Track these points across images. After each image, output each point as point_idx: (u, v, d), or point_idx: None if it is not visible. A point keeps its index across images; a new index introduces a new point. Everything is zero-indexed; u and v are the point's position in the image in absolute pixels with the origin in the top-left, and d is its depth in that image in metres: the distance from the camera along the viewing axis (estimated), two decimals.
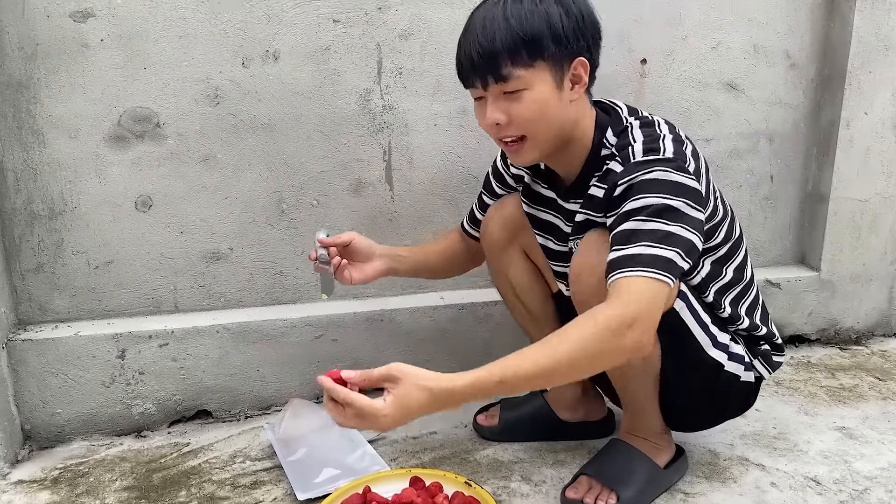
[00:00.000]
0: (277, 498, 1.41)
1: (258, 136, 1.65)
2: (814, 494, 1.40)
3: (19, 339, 1.56)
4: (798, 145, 2.00)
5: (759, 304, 1.41)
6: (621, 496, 1.33)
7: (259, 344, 1.69)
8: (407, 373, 1.03)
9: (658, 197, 1.13)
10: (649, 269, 1.09)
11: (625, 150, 1.20)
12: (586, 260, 1.24)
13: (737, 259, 1.35)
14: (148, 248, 1.65)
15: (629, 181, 1.16)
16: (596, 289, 1.22)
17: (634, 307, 1.07)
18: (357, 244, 1.46)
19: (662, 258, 1.10)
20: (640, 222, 1.12)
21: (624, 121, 1.27)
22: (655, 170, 1.15)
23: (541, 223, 1.43)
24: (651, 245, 1.10)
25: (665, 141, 1.20)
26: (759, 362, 1.38)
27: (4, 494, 1.43)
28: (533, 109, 1.19)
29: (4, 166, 1.54)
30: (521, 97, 1.19)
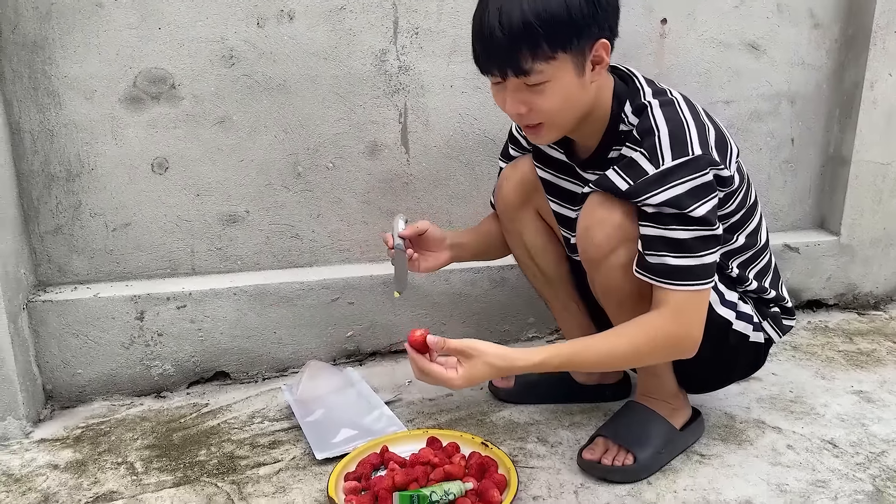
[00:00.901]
0: (296, 457, 1.42)
1: (273, 97, 1.64)
2: (830, 457, 1.40)
3: (39, 301, 1.57)
4: (820, 107, 1.97)
5: (770, 270, 1.40)
6: (638, 457, 1.33)
7: (276, 306, 1.70)
8: (480, 351, 1.16)
9: (697, 205, 1.15)
10: (703, 282, 1.19)
11: (650, 140, 1.18)
12: (596, 215, 1.23)
13: (749, 225, 1.34)
14: (165, 210, 1.65)
15: (663, 191, 1.15)
16: (605, 247, 1.23)
17: (695, 329, 1.21)
18: (431, 233, 1.46)
19: (706, 266, 1.19)
20: (682, 231, 1.16)
21: (642, 94, 1.24)
22: (688, 180, 1.15)
23: (558, 190, 1.41)
24: (696, 256, 1.17)
25: (690, 131, 1.18)
26: (769, 324, 1.38)
27: (27, 452, 1.45)
28: (555, 100, 1.17)
29: (21, 128, 1.54)
30: (542, 90, 1.16)
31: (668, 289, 1.18)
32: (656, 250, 1.18)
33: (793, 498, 1.28)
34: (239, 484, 1.34)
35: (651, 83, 1.27)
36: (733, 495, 1.29)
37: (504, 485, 1.28)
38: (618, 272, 1.25)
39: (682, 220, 1.16)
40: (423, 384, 1.66)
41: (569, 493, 1.30)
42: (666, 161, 1.16)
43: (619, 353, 1.20)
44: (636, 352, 1.20)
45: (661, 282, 1.19)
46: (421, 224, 1.45)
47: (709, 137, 1.19)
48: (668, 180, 1.15)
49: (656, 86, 1.27)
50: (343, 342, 1.77)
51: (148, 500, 1.30)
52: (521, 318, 1.87)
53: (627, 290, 1.26)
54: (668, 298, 1.19)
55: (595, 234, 1.23)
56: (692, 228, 1.16)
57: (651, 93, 1.25)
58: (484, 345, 1.16)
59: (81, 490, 1.33)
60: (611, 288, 1.28)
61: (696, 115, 1.22)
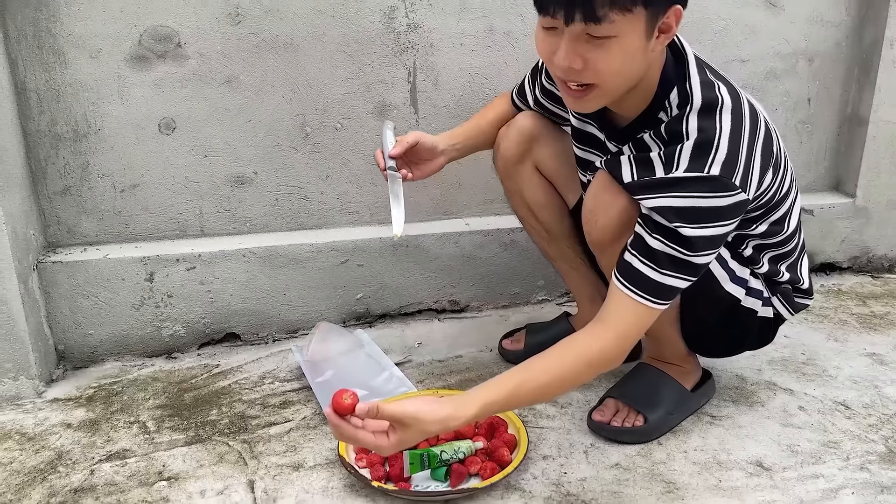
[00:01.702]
0: (306, 417, 1.43)
1: (280, 56, 1.62)
2: (843, 418, 1.39)
3: (49, 262, 1.57)
4: (838, 66, 1.93)
5: (791, 255, 1.34)
6: (648, 418, 1.33)
7: (285, 268, 1.69)
8: (419, 420, 1.06)
9: (686, 226, 1.08)
10: (653, 299, 1.12)
11: (673, 147, 1.11)
12: (600, 198, 1.20)
13: (774, 214, 1.26)
14: (172, 171, 1.64)
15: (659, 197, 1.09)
16: (609, 232, 1.20)
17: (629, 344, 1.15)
18: (423, 144, 1.38)
19: (668, 287, 1.12)
20: (663, 244, 1.10)
21: (688, 86, 1.13)
22: (691, 196, 1.08)
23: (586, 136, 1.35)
24: (664, 273, 1.11)
25: (718, 148, 1.09)
26: (779, 300, 1.34)
27: (41, 412, 1.46)
28: (617, 61, 1.05)
29: (27, 87, 1.52)
30: (607, 45, 1.03)
31: (620, 289, 1.13)
32: (633, 248, 1.13)
33: (804, 458, 1.28)
34: (250, 443, 1.35)
35: (702, 69, 1.16)
36: (744, 456, 1.29)
37: (514, 444, 1.28)
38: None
39: (663, 232, 1.10)
40: (435, 345, 1.68)
41: (578, 452, 1.31)
42: (678, 170, 1.09)
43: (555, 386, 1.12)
44: (571, 380, 1.14)
45: (618, 279, 1.13)
46: (410, 137, 1.36)
47: (740, 157, 1.09)
48: (669, 189, 1.09)
49: (706, 75, 1.15)
50: (353, 304, 1.77)
51: (161, 458, 1.31)
52: (530, 280, 1.86)
53: None
54: (617, 304, 1.13)
55: (599, 219, 1.21)
56: (669, 244, 1.09)
57: (699, 84, 1.13)
58: (422, 412, 1.06)
59: (95, 448, 1.35)
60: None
61: (737, 129, 1.11)
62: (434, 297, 1.81)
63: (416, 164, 1.41)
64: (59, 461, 1.31)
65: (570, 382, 1.15)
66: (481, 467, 1.23)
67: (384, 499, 1.20)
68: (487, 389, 1.11)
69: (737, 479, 1.23)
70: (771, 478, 1.23)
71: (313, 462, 1.29)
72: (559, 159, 1.45)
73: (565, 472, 1.26)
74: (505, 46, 1.72)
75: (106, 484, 1.25)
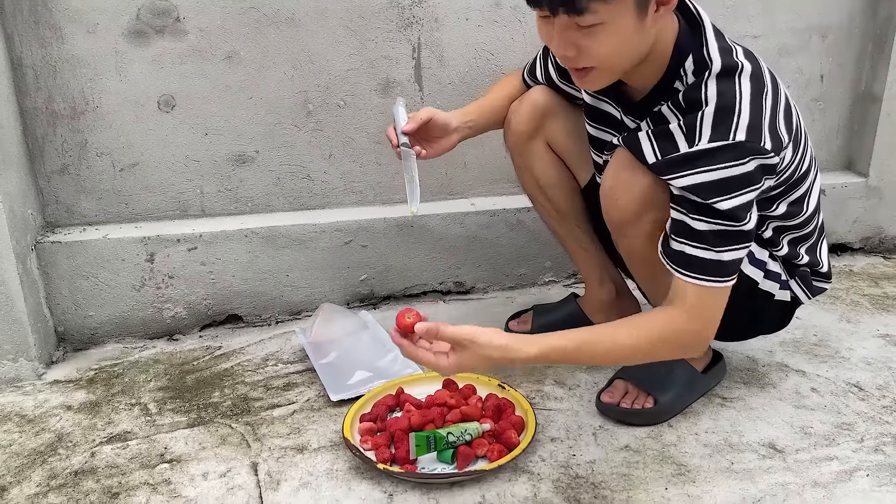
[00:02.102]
0: (310, 399, 1.41)
1: (282, 31, 1.58)
2: (856, 400, 1.37)
3: (48, 242, 1.54)
4: (852, 42, 1.88)
5: (811, 237, 1.31)
6: (658, 400, 1.31)
7: (288, 249, 1.66)
8: (478, 343, 1.04)
9: (722, 199, 1.05)
10: (720, 279, 1.10)
11: (693, 115, 1.07)
12: (621, 176, 1.16)
13: (794, 194, 1.22)
14: (173, 149, 1.61)
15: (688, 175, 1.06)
16: (630, 211, 1.16)
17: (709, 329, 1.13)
18: (436, 121, 1.34)
19: (729, 263, 1.09)
20: (708, 224, 1.07)
21: (706, 52, 1.09)
22: (719, 168, 1.04)
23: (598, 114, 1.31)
24: (721, 251, 1.08)
25: (740, 112, 1.05)
26: (797, 283, 1.31)
27: (41, 394, 1.44)
28: (608, 46, 1.04)
29: (23, 63, 1.49)
30: (596, 32, 1.02)
31: (684, 280, 1.10)
32: (678, 236, 1.10)
33: (817, 440, 1.26)
34: (253, 425, 1.33)
35: (720, 36, 1.12)
36: (756, 437, 1.27)
37: (521, 426, 1.26)
38: (642, 239, 1.19)
39: (702, 210, 1.07)
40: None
41: (587, 434, 1.28)
42: (701, 141, 1.05)
43: (623, 353, 1.11)
44: (642, 351, 1.11)
45: (677, 271, 1.11)
46: (423, 113, 1.32)
47: (764, 121, 1.06)
48: (696, 164, 1.05)
49: (724, 40, 1.12)
50: (357, 286, 1.74)
51: (162, 440, 1.29)
52: (537, 261, 1.83)
53: (653, 256, 1.19)
54: (683, 291, 1.10)
55: (620, 197, 1.17)
56: (713, 221, 1.07)
57: (717, 50, 1.09)
58: (482, 336, 1.04)
59: (95, 430, 1.33)
60: (636, 252, 1.23)
61: (759, 90, 1.07)
62: (439, 278, 1.79)
63: (428, 141, 1.36)
64: (59, 443, 1.29)
65: (641, 354, 1.12)
66: (488, 449, 1.20)
67: (390, 481, 1.17)
68: (552, 337, 1.08)
69: (749, 461, 1.21)
70: (784, 460, 1.21)
71: (317, 444, 1.27)
72: (572, 136, 1.41)
73: (574, 454, 1.24)
74: (512, 21, 1.68)
75: (107, 466, 1.23)
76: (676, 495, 1.14)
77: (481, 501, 1.13)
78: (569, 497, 1.14)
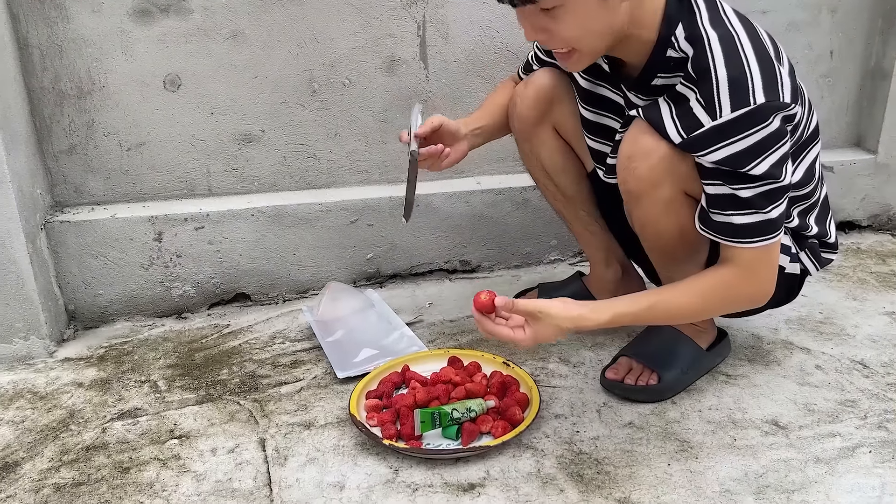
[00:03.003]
0: (317, 376, 1.42)
1: (287, 9, 1.57)
2: (860, 377, 1.37)
3: (57, 221, 1.56)
4: (862, 16, 1.86)
5: (818, 206, 1.31)
6: (663, 377, 1.31)
7: (295, 228, 1.67)
8: (549, 315, 1.10)
9: (757, 162, 1.06)
10: (773, 235, 1.12)
11: (708, 86, 1.06)
12: (639, 143, 1.16)
13: (806, 159, 1.23)
14: (179, 129, 1.61)
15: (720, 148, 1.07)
16: (648, 180, 1.16)
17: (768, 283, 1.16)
18: (446, 128, 1.34)
19: (777, 219, 1.11)
20: (752, 189, 1.08)
21: (698, 18, 1.10)
22: (748, 135, 1.05)
23: (595, 98, 1.32)
24: (768, 210, 1.10)
25: (753, 75, 1.05)
26: (806, 255, 1.32)
27: (52, 371, 1.47)
28: (575, 26, 1.05)
29: (29, 43, 1.49)
30: (558, 14, 1.04)
31: (737, 247, 1.12)
32: (720, 208, 1.11)
33: (821, 417, 1.26)
34: (261, 402, 1.35)
35: (710, 2, 1.13)
36: (759, 414, 1.27)
37: (526, 403, 1.27)
38: (659, 208, 1.19)
39: (742, 179, 1.08)
40: (446, 305, 1.66)
41: (591, 411, 1.29)
42: (724, 112, 1.05)
43: (691, 310, 1.17)
44: (708, 308, 1.19)
45: (728, 240, 1.13)
46: (434, 119, 1.32)
47: (778, 75, 1.06)
48: (725, 135, 1.06)
49: (715, 8, 1.12)
50: (363, 264, 1.75)
51: (172, 416, 1.31)
52: (543, 240, 1.83)
53: (668, 228, 1.20)
54: (737, 256, 1.13)
55: (638, 166, 1.16)
56: (755, 185, 1.08)
57: (708, 18, 1.10)
58: (554, 308, 1.10)
59: (106, 407, 1.35)
60: (650, 223, 1.23)
61: (761, 50, 1.08)
62: (445, 256, 1.79)
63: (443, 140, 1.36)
64: (70, 420, 1.31)
65: (707, 314, 1.21)
66: (493, 426, 1.22)
67: (395, 457, 1.19)
68: (622, 301, 1.15)
69: (752, 437, 1.22)
70: (787, 436, 1.22)
71: (324, 421, 1.29)
72: (579, 121, 1.41)
73: (577, 430, 1.25)
74: None
75: (118, 442, 1.25)
76: (679, 471, 1.15)
77: (485, 477, 1.15)
78: (572, 473, 1.15)
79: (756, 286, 1.16)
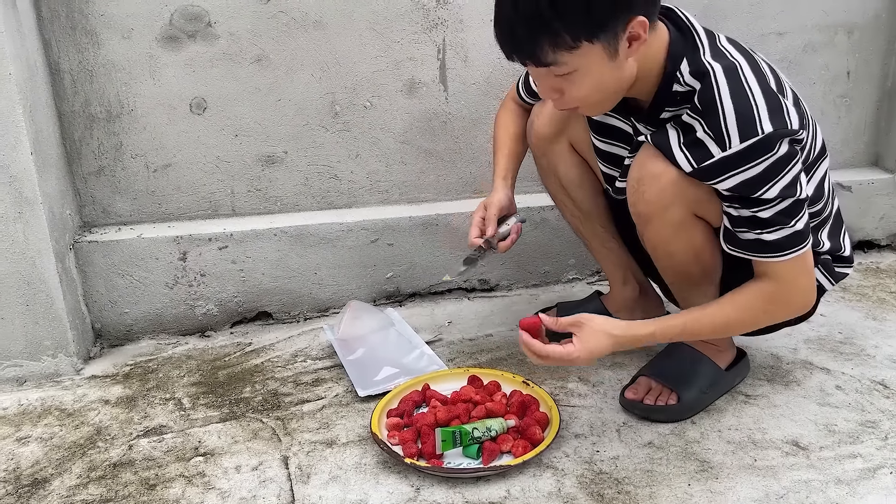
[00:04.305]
0: (339, 394, 1.44)
1: (309, 34, 1.61)
2: (881, 398, 1.37)
3: (85, 241, 1.59)
4: (878, 38, 1.87)
5: (829, 221, 1.32)
6: (682, 397, 1.32)
7: (316, 247, 1.70)
8: (591, 319, 1.17)
9: (769, 187, 1.09)
10: (802, 245, 1.14)
11: (715, 119, 1.09)
12: (648, 167, 1.18)
13: (814, 177, 1.24)
14: (204, 151, 1.65)
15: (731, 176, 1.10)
16: (656, 204, 1.18)
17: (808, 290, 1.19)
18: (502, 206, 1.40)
19: (804, 230, 1.14)
20: (772, 208, 1.11)
21: (702, 53, 1.13)
22: (758, 163, 1.08)
23: (606, 128, 1.34)
24: (792, 224, 1.12)
25: (758, 105, 1.08)
26: (819, 271, 1.31)
27: (79, 388, 1.49)
28: (586, 88, 1.10)
29: (61, 68, 1.54)
30: (572, 78, 1.09)
31: (769, 262, 1.15)
32: (745, 228, 1.14)
33: (841, 438, 1.26)
34: (284, 420, 1.37)
35: (711, 36, 1.16)
36: (779, 435, 1.27)
37: (546, 422, 1.28)
38: (669, 230, 1.21)
39: (757, 202, 1.11)
40: (465, 324, 1.68)
41: (611, 431, 1.30)
42: (733, 144, 1.08)
43: (737, 323, 1.20)
44: (753, 320, 1.20)
45: (759, 256, 1.15)
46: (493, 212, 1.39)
47: (783, 102, 1.10)
48: (735, 165, 1.09)
49: (716, 43, 1.15)
50: (383, 283, 1.77)
51: (196, 434, 1.34)
52: (561, 259, 1.85)
53: (680, 250, 1.23)
54: (772, 270, 1.16)
55: (647, 189, 1.19)
56: (771, 206, 1.11)
57: (710, 53, 1.13)
58: (596, 315, 1.17)
59: (132, 424, 1.37)
60: (661, 245, 1.25)
61: (763, 80, 1.11)
62: (464, 275, 1.81)
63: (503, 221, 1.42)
64: (97, 436, 1.34)
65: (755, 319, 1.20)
66: (513, 445, 1.23)
67: (416, 475, 1.20)
68: (663, 318, 1.23)
69: (772, 458, 1.22)
70: (807, 457, 1.22)
71: (346, 439, 1.30)
72: None
73: (598, 450, 1.25)
74: None
75: (144, 459, 1.27)
76: (699, 491, 1.15)
77: (506, 496, 1.16)
78: (592, 492, 1.16)
79: (798, 295, 1.19)
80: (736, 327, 1.23)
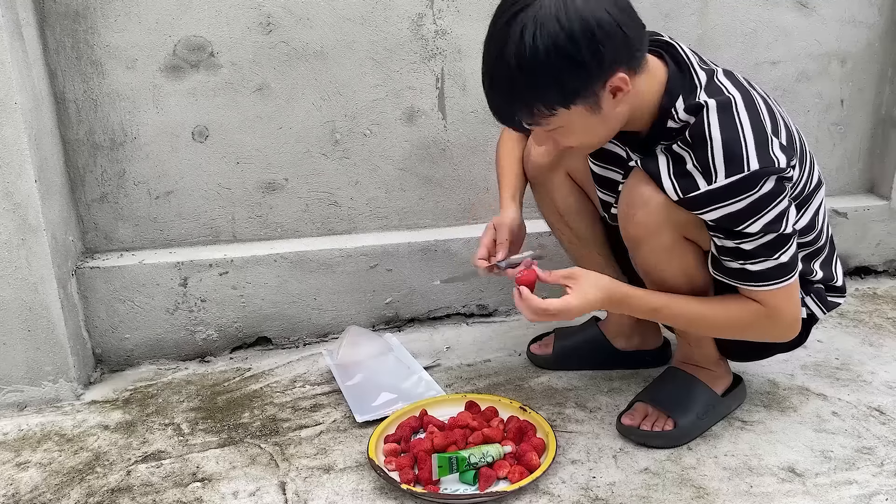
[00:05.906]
0: (337, 420, 1.44)
1: (310, 64, 1.64)
2: (877, 424, 1.37)
3: (87, 267, 1.61)
4: (872, 67, 1.90)
5: (823, 251, 1.34)
6: (679, 423, 1.32)
7: (316, 273, 1.71)
8: (584, 272, 1.22)
9: (752, 221, 1.11)
10: (787, 277, 1.17)
11: (703, 152, 1.11)
12: (637, 192, 1.20)
13: (809, 209, 1.26)
14: (206, 178, 1.67)
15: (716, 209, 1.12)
16: (645, 227, 1.20)
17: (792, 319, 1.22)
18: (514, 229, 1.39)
19: (789, 262, 1.16)
20: (755, 241, 1.13)
21: (698, 90, 1.14)
22: (743, 198, 1.10)
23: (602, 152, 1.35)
24: (777, 257, 1.15)
25: (746, 143, 1.09)
26: (812, 300, 1.33)
27: (79, 413, 1.50)
28: (575, 138, 1.15)
29: (66, 97, 1.56)
30: (561, 132, 1.14)
31: (753, 290, 1.18)
32: (730, 257, 1.17)
33: (837, 464, 1.26)
34: (282, 445, 1.37)
35: (709, 73, 1.17)
36: (775, 461, 1.28)
37: (542, 448, 1.28)
38: (659, 254, 1.23)
39: (740, 235, 1.13)
40: (463, 350, 1.69)
41: (608, 457, 1.30)
42: (718, 178, 1.10)
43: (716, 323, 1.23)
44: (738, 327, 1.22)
45: (743, 284, 1.19)
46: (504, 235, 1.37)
47: (772, 140, 1.11)
48: (720, 199, 1.11)
49: (713, 78, 1.16)
50: (382, 308, 1.78)
51: (195, 459, 1.34)
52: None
53: (671, 273, 1.24)
54: (755, 297, 1.19)
55: (637, 213, 1.21)
56: (754, 239, 1.13)
57: (706, 89, 1.14)
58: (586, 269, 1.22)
59: (131, 449, 1.38)
60: (652, 269, 1.27)
61: (756, 116, 1.12)
62: (462, 301, 1.82)
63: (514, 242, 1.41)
64: (96, 462, 1.34)
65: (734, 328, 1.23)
66: (510, 471, 1.23)
67: (413, 501, 1.21)
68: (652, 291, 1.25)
69: (768, 484, 1.22)
70: (803, 483, 1.22)
71: (343, 465, 1.31)
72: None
73: (594, 476, 1.26)
74: None
75: (142, 484, 1.28)
76: None
77: None
78: None
79: (780, 323, 1.21)
80: (715, 327, 1.25)
